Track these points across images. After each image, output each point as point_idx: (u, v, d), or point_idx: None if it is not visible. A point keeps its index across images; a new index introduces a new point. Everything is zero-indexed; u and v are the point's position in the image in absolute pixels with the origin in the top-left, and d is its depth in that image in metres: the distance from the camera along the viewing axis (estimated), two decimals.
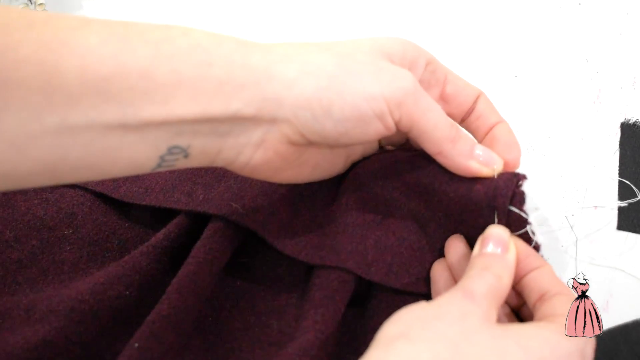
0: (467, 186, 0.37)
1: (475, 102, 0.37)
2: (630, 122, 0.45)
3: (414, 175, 0.39)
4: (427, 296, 0.37)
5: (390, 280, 0.37)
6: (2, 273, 0.39)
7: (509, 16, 0.51)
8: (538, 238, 0.35)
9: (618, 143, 0.44)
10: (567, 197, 0.42)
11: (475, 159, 0.34)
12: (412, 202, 0.39)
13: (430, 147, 0.33)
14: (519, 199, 0.36)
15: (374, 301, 0.38)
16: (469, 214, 0.37)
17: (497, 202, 0.36)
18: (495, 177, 0.36)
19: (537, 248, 0.35)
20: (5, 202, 0.44)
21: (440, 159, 0.34)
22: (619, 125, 0.45)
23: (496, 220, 0.36)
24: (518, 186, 0.36)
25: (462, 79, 0.37)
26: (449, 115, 0.37)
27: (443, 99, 0.37)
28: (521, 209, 0.35)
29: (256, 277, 0.40)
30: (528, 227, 0.35)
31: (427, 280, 0.37)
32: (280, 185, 0.41)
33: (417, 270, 0.38)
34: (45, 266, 0.40)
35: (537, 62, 0.49)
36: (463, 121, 0.37)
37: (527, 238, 0.36)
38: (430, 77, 0.36)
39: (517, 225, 0.36)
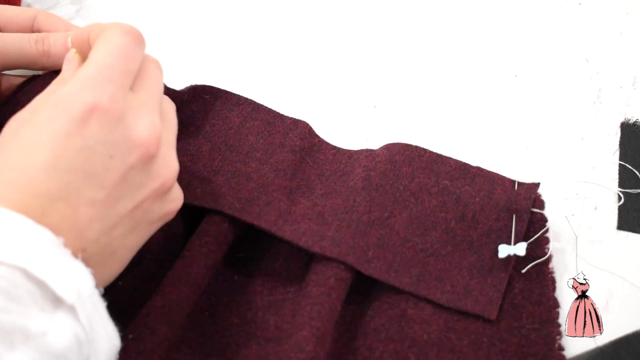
0: (488, 189, 0.40)
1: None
2: (630, 122, 0.45)
3: (432, 176, 0.41)
4: (425, 299, 0.37)
5: (390, 278, 0.37)
6: None
7: (509, 16, 0.51)
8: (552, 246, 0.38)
9: (618, 143, 0.44)
10: (567, 197, 0.42)
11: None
12: (423, 204, 0.40)
13: None
14: (539, 204, 0.40)
15: (376, 302, 0.38)
16: (484, 217, 0.40)
17: (520, 205, 0.39)
18: (516, 186, 0.40)
19: (549, 258, 0.38)
20: None
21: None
22: (619, 125, 0.45)
23: (514, 224, 0.38)
24: (538, 194, 0.40)
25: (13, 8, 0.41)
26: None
27: None
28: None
29: (253, 272, 0.40)
30: (548, 227, 0.38)
31: (427, 284, 0.37)
32: (277, 177, 0.41)
33: (418, 272, 0.38)
34: None
35: (537, 62, 0.49)
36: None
37: (543, 243, 0.39)
38: None
39: (536, 228, 0.39)
